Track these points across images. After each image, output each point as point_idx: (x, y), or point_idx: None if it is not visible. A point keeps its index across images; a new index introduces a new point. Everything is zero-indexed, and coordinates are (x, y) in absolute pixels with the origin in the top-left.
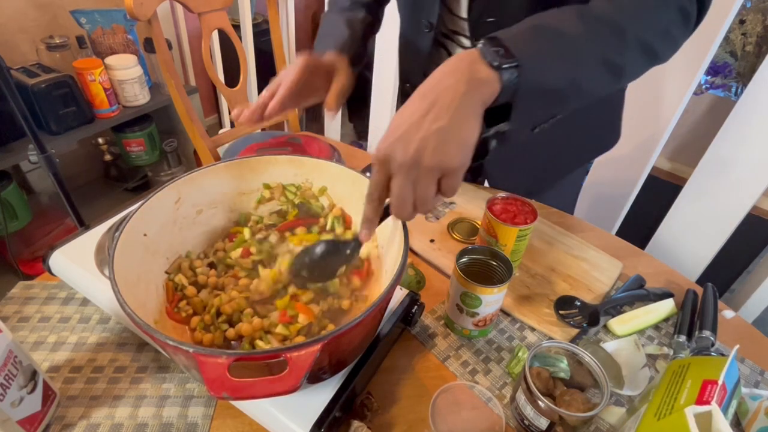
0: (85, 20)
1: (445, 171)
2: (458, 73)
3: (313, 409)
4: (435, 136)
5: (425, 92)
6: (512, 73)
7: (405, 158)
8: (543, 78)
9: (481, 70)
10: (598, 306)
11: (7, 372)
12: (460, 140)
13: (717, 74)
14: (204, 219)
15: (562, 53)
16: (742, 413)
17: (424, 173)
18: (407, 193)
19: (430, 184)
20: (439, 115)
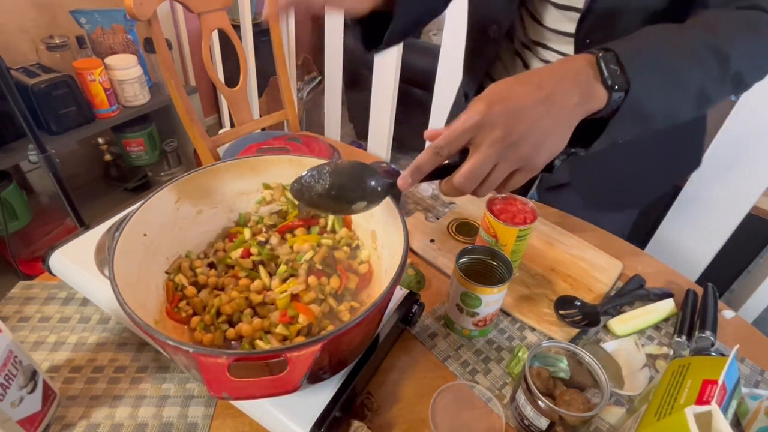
0: (85, 20)
1: (528, 168)
2: (578, 81)
3: (313, 409)
4: (539, 132)
5: (542, 82)
6: (619, 97)
7: (505, 136)
8: (645, 104)
9: (596, 86)
10: (598, 306)
11: (7, 372)
12: (553, 146)
13: None
14: (204, 219)
15: (669, 81)
16: (742, 413)
17: (512, 160)
18: (485, 170)
19: (508, 171)
20: (551, 113)
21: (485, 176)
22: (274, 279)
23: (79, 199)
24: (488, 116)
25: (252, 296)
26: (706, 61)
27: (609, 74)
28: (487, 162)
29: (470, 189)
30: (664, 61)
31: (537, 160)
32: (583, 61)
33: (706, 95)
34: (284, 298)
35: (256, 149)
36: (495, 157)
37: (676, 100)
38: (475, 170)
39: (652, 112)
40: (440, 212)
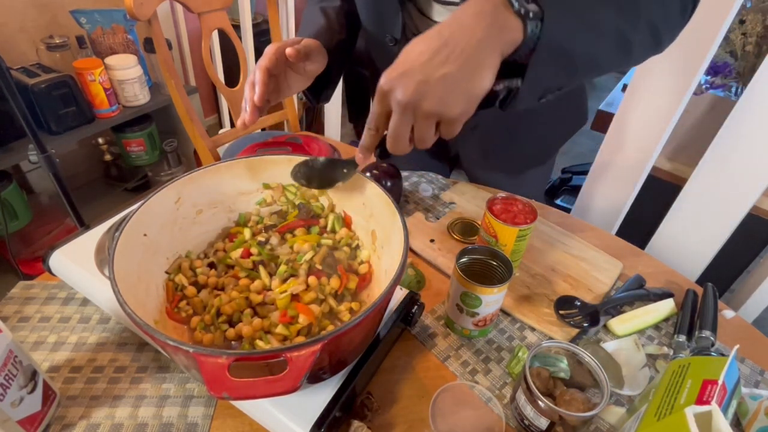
0: (85, 20)
1: (444, 119)
2: (480, 15)
3: (313, 409)
4: (439, 83)
5: (441, 30)
6: (536, 25)
7: (404, 98)
8: (564, 38)
9: (506, 15)
10: (598, 306)
11: (7, 372)
12: (466, 91)
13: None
14: (204, 219)
15: (585, 18)
16: (742, 413)
17: (422, 117)
18: (404, 132)
19: (427, 127)
20: (449, 59)
21: (410, 135)
22: (274, 279)
23: (79, 199)
24: (388, 83)
25: (252, 296)
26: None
27: (519, 2)
28: (400, 125)
29: (403, 149)
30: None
31: (450, 110)
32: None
33: (626, 39)
34: (284, 298)
35: (256, 149)
36: (405, 118)
37: (594, 37)
38: (395, 134)
39: (573, 48)
40: (440, 212)
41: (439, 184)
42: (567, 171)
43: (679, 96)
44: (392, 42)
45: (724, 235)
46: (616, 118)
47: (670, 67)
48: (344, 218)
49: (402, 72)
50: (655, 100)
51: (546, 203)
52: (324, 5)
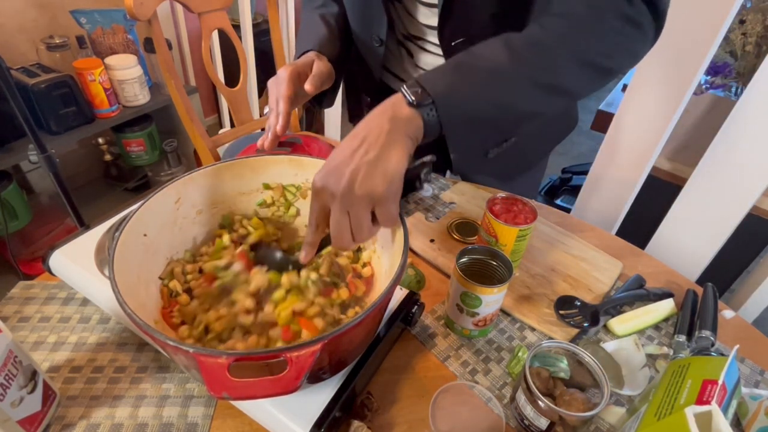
0: (85, 20)
1: (375, 199)
2: (384, 113)
3: (313, 409)
4: (364, 168)
5: (356, 132)
6: (431, 109)
7: (337, 188)
8: (463, 109)
9: (403, 109)
10: (598, 306)
11: (7, 372)
12: (386, 171)
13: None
14: (204, 219)
15: (480, 83)
16: (742, 413)
17: (356, 202)
18: (343, 222)
19: (363, 212)
20: (369, 150)
21: (350, 227)
22: (268, 304)
23: (79, 199)
24: (321, 180)
25: (241, 318)
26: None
27: (410, 96)
28: (338, 218)
29: (347, 242)
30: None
31: (377, 188)
32: (393, 98)
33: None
34: (286, 315)
35: (256, 149)
36: (341, 207)
37: (503, 95)
38: (335, 229)
39: (481, 113)
40: (440, 212)
41: (439, 184)
42: (567, 171)
43: (679, 96)
44: (378, 43)
45: (724, 235)
46: (616, 118)
47: (670, 67)
48: None
49: (331, 168)
50: (655, 100)
51: (546, 203)
52: (323, 12)
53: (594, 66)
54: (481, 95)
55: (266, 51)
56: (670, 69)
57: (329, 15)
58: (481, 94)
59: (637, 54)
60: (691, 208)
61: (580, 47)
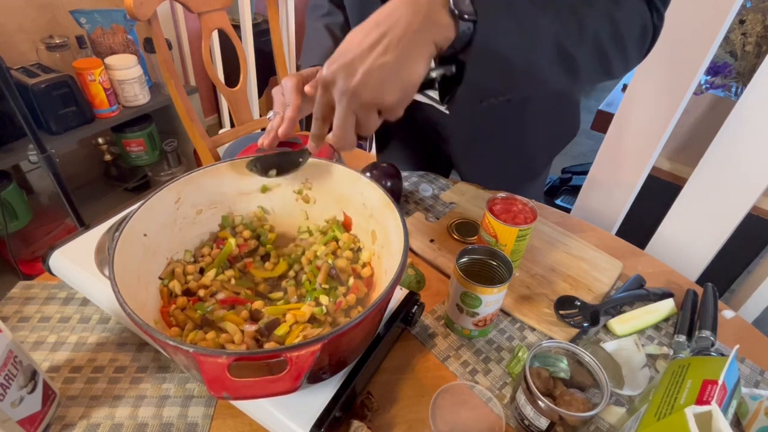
0: (84, 20)
1: (383, 107)
2: (416, 7)
3: (313, 409)
4: (378, 72)
5: (379, 19)
6: (469, 26)
7: (346, 88)
8: (499, 41)
9: (440, 12)
10: (598, 306)
11: (7, 372)
12: (402, 80)
13: (717, 74)
14: (204, 219)
15: (521, 23)
16: (742, 413)
17: (365, 105)
18: (349, 121)
19: (370, 114)
20: (388, 49)
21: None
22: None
23: (79, 199)
24: (330, 73)
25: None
26: (560, 14)
27: (454, 2)
28: (343, 116)
29: (350, 144)
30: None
31: (388, 98)
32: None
33: (566, 51)
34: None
35: (256, 149)
36: (347, 108)
37: (530, 43)
38: (339, 127)
39: (506, 52)
40: (440, 212)
41: (439, 184)
42: (567, 171)
43: (679, 96)
44: None
45: (724, 235)
46: (616, 118)
47: (670, 67)
48: (344, 220)
49: (343, 62)
50: (655, 100)
51: (546, 203)
52: (328, 22)
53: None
54: (515, 34)
55: (266, 51)
56: (670, 69)
57: (334, 25)
58: (515, 33)
59: (629, 60)
60: (691, 208)
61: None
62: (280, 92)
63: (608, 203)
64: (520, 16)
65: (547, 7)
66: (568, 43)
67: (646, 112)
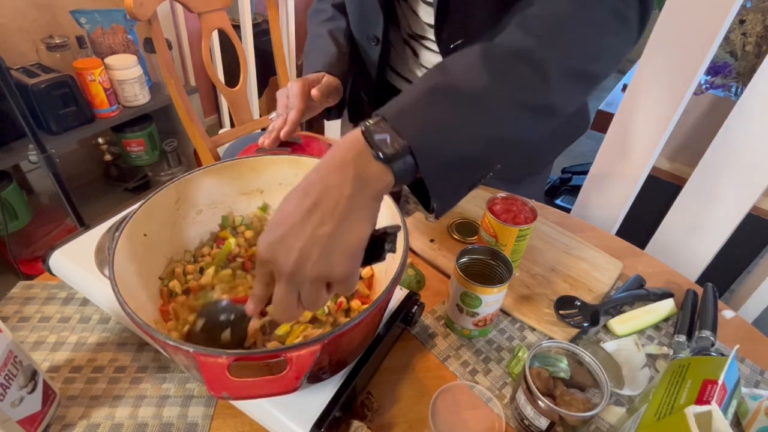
0: (84, 20)
1: (332, 279)
2: (344, 169)
3: (313, 409)
4: (317, 246)
5: (308, 188)
6: (405, 161)
7: (285, 268)
8: (448, 150)
9: (369, 165)
10: (598, 306)
11: (7, 372)
12: (346, 248)
13: (717, 74)
14: (204, 219)
15: (461, 115)
16: (742, 413)
17: (308, 282)
18: (291, 300)
19: (316, 291)
20: (323, 221)
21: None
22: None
23: (79, 199)
24: (267, 251)
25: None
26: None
27: (378, 146)
28: (286, 294)
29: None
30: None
31: (335, 270)
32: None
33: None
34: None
35: (256, 149)
36: (288, 286)
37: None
38: (280, 303)
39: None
40: None
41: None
42: (567, 171)
43: (679, 96)
44: (374, 42)
45: (724, 235)
46: (616, 118)
47: (670, 67)
48: None
49: (278, 238)
50: (655, 100)
51: (546, 203)
52: (331, 28)
53: (582, 75)
54: (465, 131)
55: (266, 51)
56: (670, 69)
57: (337, 31)
58: (464, 130)
59: (620, 56)
60: (691, 208)
61: (567, 54)
62: (285, 95)
63: (608, 203)
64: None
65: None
66: (535, 98)
67: (646, 112)
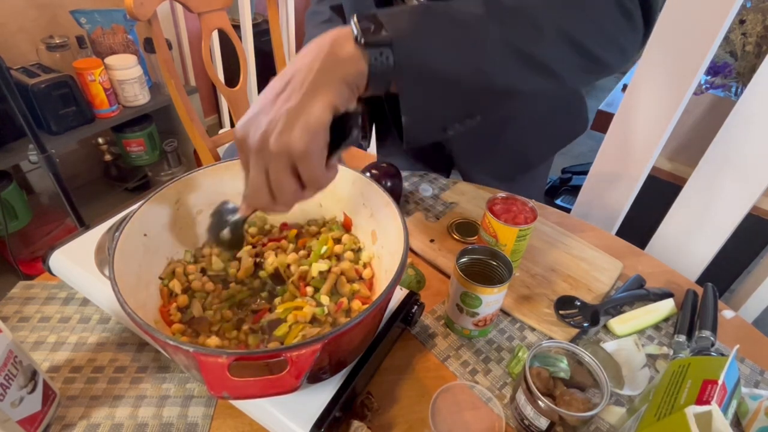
0: (85, 20)
1: (294, 156)
2: (318, 49)
3: (313, 409)
4: (282, 118)
5: (285, 71)
6: (383, 52)
7: (253, 141)
8: (430, 60)
9: (345, 46)
10: (598, 306)
11: (7, 372)
12: (307, 122)
13: (717, 74)
14: (204, 219)
15: (454, 35)
16: (742, 413)
17: (273, 158)
18: (259, 179)
19: (281, 170)
20: (291, 96)
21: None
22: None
23: (79, 199)
24: (240, 130)
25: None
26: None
27: (360, 32)
28: (255, 172)
29: (265, 202)
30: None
31: (295, 143)
32: (336, 31)
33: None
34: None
35: None
36: (257, 163)
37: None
38: (252, 184)
39: (451, 71)
40: (440, 212)
41: (439, 184)
42: (567, 171)
43: (679, 96)
44: None
45: (724, 235)
46: (616, 118)
47: (670, 67)
48: (344, 220)
49: (251, 116)
50: (655, 100)
51: (546, 203)
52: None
53: (580, 46)
54: (448, 49)
55: (266, 51)
56: (670, 69)
57: None
58: (449, 48)
59: (625, 49)
60: (691, 208)
61: (567, 21)
62: None
63: (608, 203)
64: (452, 29)
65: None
66: (526, 46)
67: (646, 112)
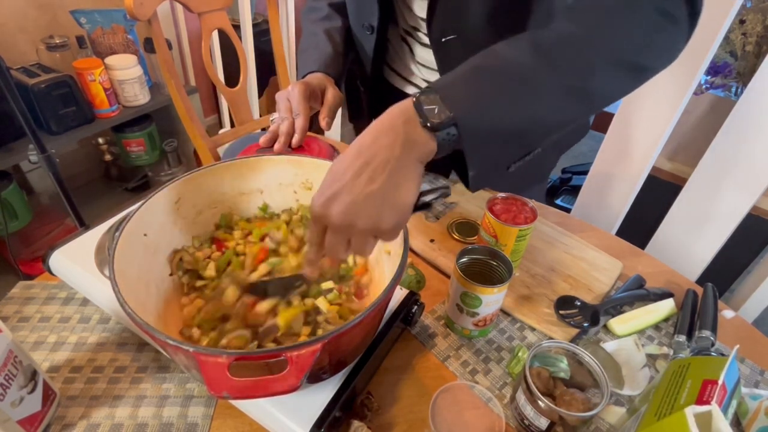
0: (85, 20)
1: (380, 232)
2: (393, 132)
3: (313, 409)
4: (368, 201)
5: (360, 149)
6: (449, 132)
7: (338, 221)
8: (488, 126)
9: (416, 130)
10: (598, 306)
11: (7, 372)
12: (394, 204)
13: (717, 74)
14: (204, 219)
15: (507, 93)
16: (742, 413)
17: (358, 234)
18: (340, 248)
19: (364, 242)
20: (373, 178)
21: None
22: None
23: (79, 199)
24: (320, 208)
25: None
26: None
27: (426, 115)
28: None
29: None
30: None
31: (384, 224)
32: (401, 111)
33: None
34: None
35: (256, 149)
36: (340, 237)
37: (532, 106)
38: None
39: (509, 126)
40: (440, 212)
41: (439, 184)
42: (567, 171)
43: (679, 96)
44: (369, 30)
45: (724, 235)
46: (616, 118)
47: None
48: None
49: (330, 195)
50: (655, 100)
51: (546, 203)
52: (327, 27)
53: (630, 65)
54: (508, 109)
55: (266, 51)
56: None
57: (333, 30)
58: (508, 108)
59: (673, 51)
60: (691, 208)
61: (615, 44)
62: (286, 97)
63: (608, 203)
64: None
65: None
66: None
67: (646, 112)
